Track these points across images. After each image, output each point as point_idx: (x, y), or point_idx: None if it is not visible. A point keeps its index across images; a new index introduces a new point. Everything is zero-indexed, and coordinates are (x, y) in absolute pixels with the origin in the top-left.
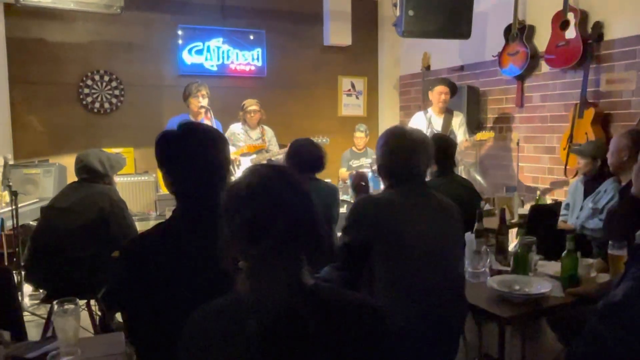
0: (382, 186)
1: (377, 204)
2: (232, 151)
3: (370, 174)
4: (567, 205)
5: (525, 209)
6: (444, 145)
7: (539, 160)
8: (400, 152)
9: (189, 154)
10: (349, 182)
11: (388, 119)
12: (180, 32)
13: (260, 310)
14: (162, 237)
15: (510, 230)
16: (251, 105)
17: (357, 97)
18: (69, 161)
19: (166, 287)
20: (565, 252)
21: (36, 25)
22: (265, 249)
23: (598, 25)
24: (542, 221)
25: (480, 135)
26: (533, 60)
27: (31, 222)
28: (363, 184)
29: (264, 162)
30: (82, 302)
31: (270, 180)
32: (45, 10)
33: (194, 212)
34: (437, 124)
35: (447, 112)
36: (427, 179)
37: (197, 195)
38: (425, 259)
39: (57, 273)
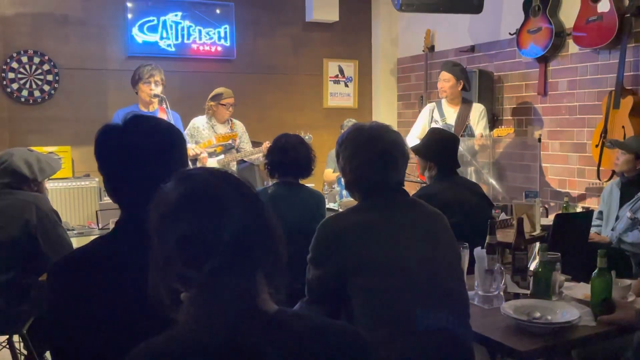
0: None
1: (348, 227)
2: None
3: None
4: (601, 213)
5: (550, 218)
6: (443, 141)
7: (566, 159)
8: (374, 160)
9: (134, 154)
10: (336, 186)
11: (384, 111)
12: (129, 4)
13: (207, 347)
14: (100, 254)
15: (530, 245)
16: (229, 96)
17: (346, 85)
18: None
19: (104, 317)
20: (596, 271)
21: None
22: (210, 273)
23: None
24: (570, 233)
25: (499, 132)
26: (558, 38)
27: None
28: None
29: (234, 163)
30: (3, 338)
31: (208, 185)
32: None
33: (139, 225)
34: (451, 118)
35: (465, 103)
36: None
37: (144, 205)
38: (413, 285)
39: None
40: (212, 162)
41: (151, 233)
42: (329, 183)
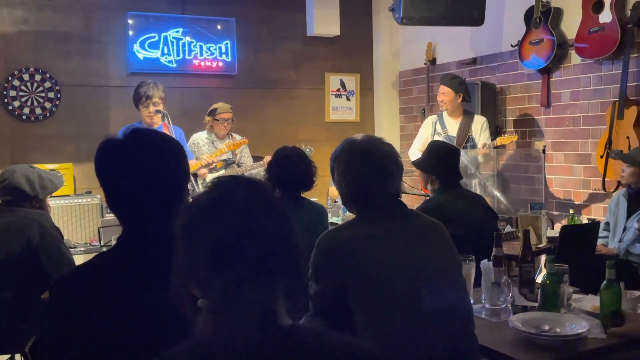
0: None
1: (345, 241)
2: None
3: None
4: (607, 224)
5: (556, 230)
6: (443, 154)
7: (570, 171)
8: (368, 172)
9: (136, 168)
10: (339, 201)
11: (386, 124)
12: (130, 21)
13: (227, 356)
14: (102, 271)
15: (536, 257)
16: (225, 111)
17: (348, 99)
18: None
19: (107, 334)
20: (605, 282)
21: None
22: (232, 280)
23: (639, 6)
24: (576, 245)
25: (501, 140)
26: (560, 49)
27: None
28: None
29: None
30: (5, 358)
31: (240, 195)
32: None
33: (142, 240)
34: (453, 129)
35: (466, 115)
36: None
37: (147, 220)
38: (415, 298)
39: None
40: (212, 177)
41: (178, 234)
42: (333, 198)
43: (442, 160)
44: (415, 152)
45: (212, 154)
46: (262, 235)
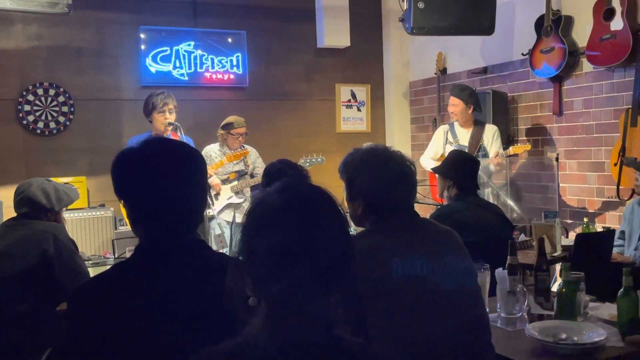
0: None
1: (362, 253)
2: None
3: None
4: (623, 233)
5: (570, 238)
6: (464, 161)
7: (584, 179)
8: (384, 181)
9: (155, 178)
10: None
11: (397, 135)
12: (142, 35)
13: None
14: (120, 281)
15: (551, 266)
16: (240, 126)
17: (359, 109)
18: (6, 194)
19: (127, 343)
20: (622, 290)
21: None
22: (291, 284)
23: None
24: (592, 253)
25: (515, 149)
26: (572, 57)
27: None
28: None
29: (247, 189)
30: None
31: (309, 199)
32: None
33: (160, 250)
34: (464, 139)
35: (477, 125)
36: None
37: (165, 229)
38: (431, 307)
39: None
40: (225, 189)
41: (243, 233)
42: (345, 209)
43: (462, 167)
44: (426, 160)
45: (212, 165)
46: (325, 242)
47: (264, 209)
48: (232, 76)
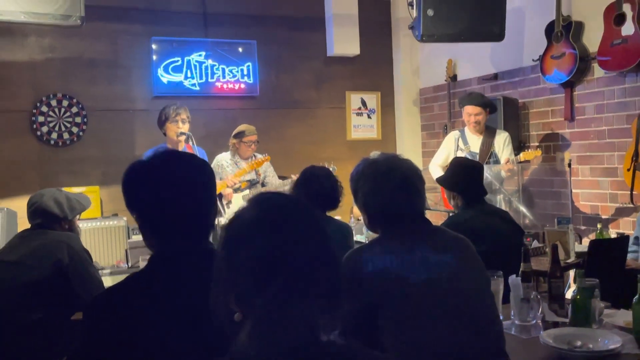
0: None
1: (370, 260)
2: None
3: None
4: (637, 239)
5: (584, 245)
6: (465, 170)
7: (597, 184)
8: (396, 190)
9: (167, 190)
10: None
11: (408, 142)
12: (154, 46)
13: None
14: (136, 291)
15: (565, 272)
16: (252, 134)
17: (369, 117)
18: (20, 204)
19: (142, 353)
20: (637, 297)
21: None
22: (274, 295)
23: None
24: (606, 259)
25: (526, 155)
26: (583, 63)
27: None
28: None
29: None
30: None
31: (284, 210)
32: None
33: (174, 260)
34: (475, 145)
35: (488, 131)
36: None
37: (177, 240)
38: (444, 315)
39: (2, 341)
40: (237, 198)
41: (220, 249)
42: (356, 216)
43: (463, 176)
44: (435, 167)
45: (235, 174)
46: (305, 251)
47: (239, 223)
48: (243, 85)
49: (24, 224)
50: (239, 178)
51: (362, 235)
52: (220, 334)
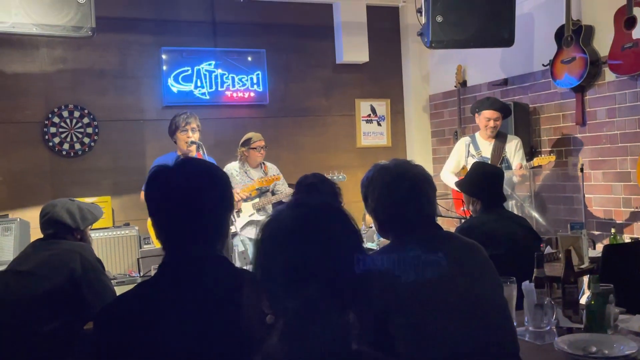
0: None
1: (385, 267)
2: None
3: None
4: None
5: (597, 250)
6: (486, 176)
7: (610, 189)
8: (406, 196)
9: (184, 196)
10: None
11: (418, 148)
12: (164, 56)
13: None
14: (145, 299)
15: (579, 278)
16: (259, 139)
17: (379, 124)
18: (32, 215)
19: None
20: None
21: None
22: (307, 299)
23: None
24: (620, 265)
25: (539, 160)
26: (594, 67)
27: None
28: None
29: (269, 206)
30: None
31: (323, 217)
32: (2, 37)
33: (184, 266)
34: (486, 151)
35: (499, 136)
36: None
37: (189, 246)
38: (459, 322)
39: (16, 352)
40: (246, 206)
41: (256, 252)
42: (368, 223)
43: (484, 182)
44: (446, 173)
45: (245, 188)
46: (339, 258)
47: (276, 226)
48: (252, 94)
49: (36, 234)
50: (247, 193)
51: (372, 243)
52: (228, 342)
